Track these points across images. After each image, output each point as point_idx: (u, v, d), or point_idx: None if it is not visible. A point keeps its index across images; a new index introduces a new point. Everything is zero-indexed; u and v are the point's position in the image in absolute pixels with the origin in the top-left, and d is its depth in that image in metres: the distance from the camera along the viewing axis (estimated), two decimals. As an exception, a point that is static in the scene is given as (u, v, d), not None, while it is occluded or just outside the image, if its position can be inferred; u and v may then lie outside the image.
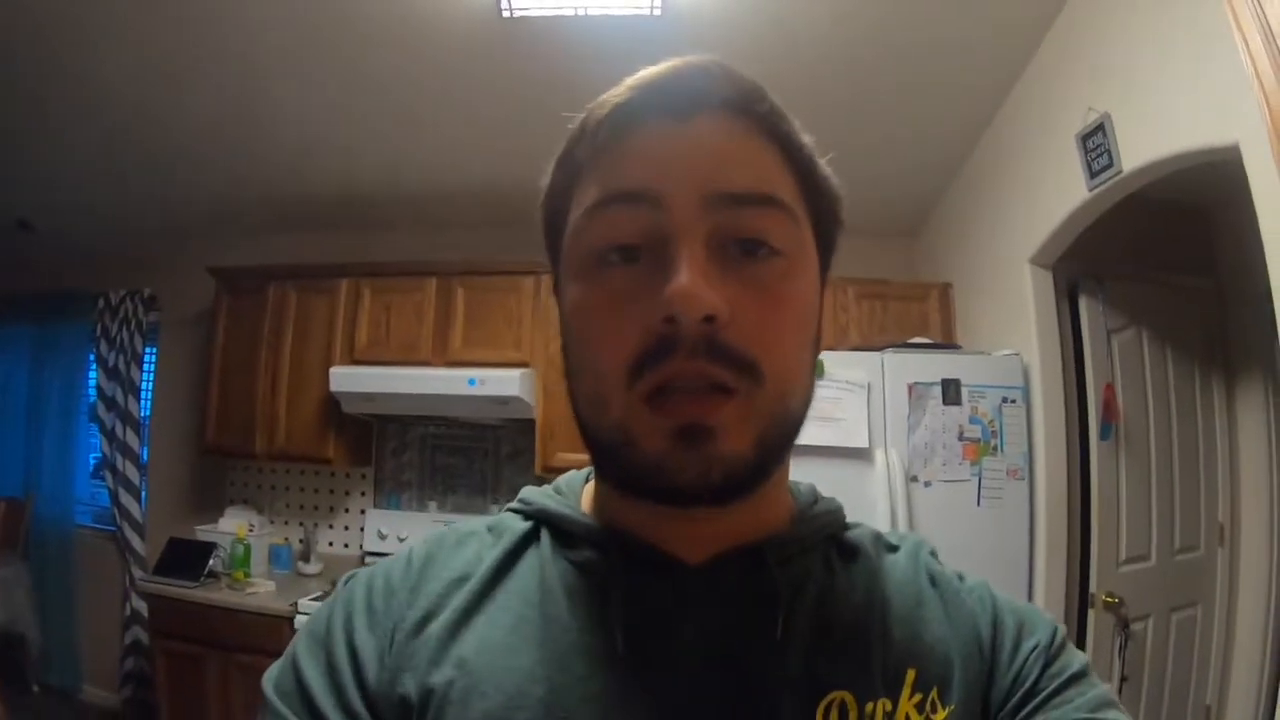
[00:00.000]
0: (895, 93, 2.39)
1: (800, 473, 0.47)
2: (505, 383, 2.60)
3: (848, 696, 0.40)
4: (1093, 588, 2.28)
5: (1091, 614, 2.27)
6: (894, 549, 0.49)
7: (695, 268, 0.37)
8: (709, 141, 0.40)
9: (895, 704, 0.40)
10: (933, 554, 0.50)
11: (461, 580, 0.44)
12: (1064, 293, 2.37)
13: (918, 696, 0.41)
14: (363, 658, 0.41)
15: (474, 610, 0.43)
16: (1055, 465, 2.25)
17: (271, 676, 0.43)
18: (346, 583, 0.46)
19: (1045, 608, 2.14)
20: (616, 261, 0.40)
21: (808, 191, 0.43)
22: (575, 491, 0.50)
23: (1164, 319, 2.53)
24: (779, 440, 0.40)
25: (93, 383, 3.54)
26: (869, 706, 0.40)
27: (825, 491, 0.51)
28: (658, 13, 2.04)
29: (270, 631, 2.53)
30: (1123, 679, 2.27)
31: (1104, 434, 2.33)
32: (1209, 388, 2.59)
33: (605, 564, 0.43)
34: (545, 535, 0.46)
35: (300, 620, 2.46)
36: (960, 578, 0.48)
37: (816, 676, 0.40)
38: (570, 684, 0.39)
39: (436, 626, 0.42)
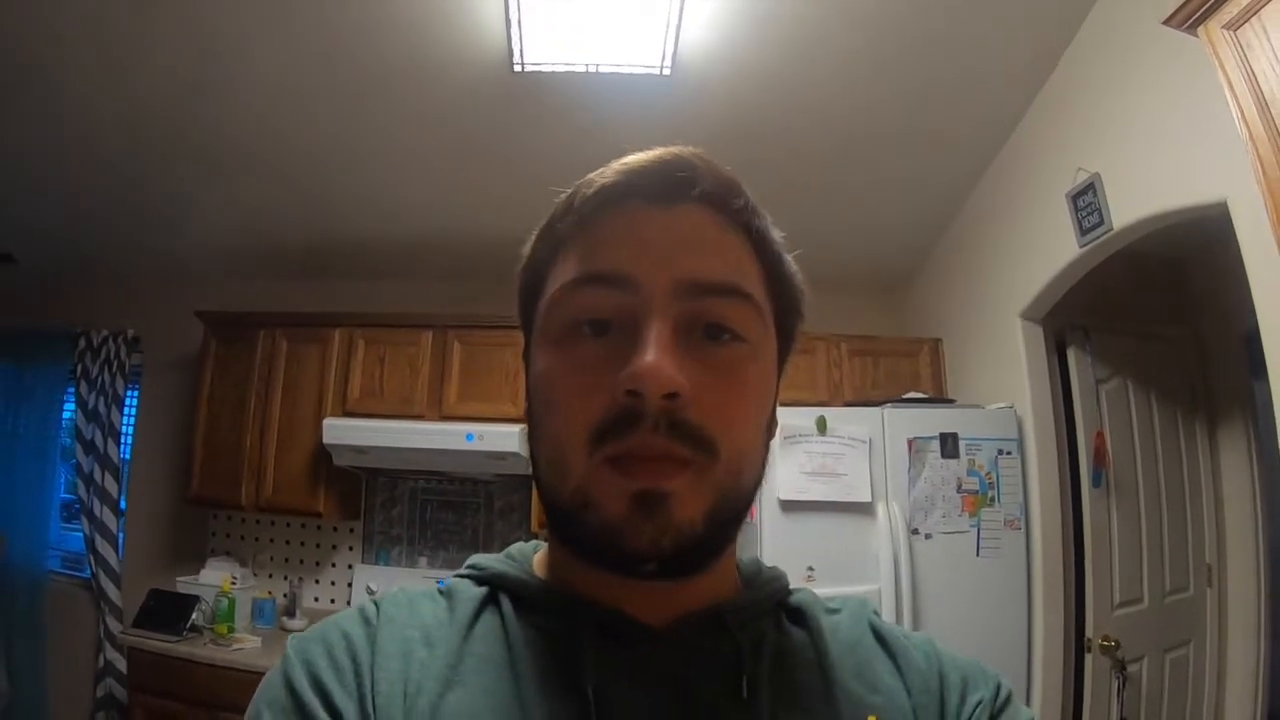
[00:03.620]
0: (889, 145, 2.44)
1: (804, 528, 0.49)
2: (504, 438, 2.57)
3: None
4: (1089, 632, 2.31)
5: (1089, 658, 2.30)
6: (835, 611, 0.50)
7: (662, 347, 0.38)
8: (685, 230, 0.42)
9: None
10: (875, 613, 0.51)
11: (426, 641, 0.43)
12: (1052, 345, 2.43)
13: None
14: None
15: (448, 673, 0.42)
16: (1050, 514, 2.29)
17: None
18: (297, 644, 0.44)
19: (1044, 655, 2.22)
20: (588, 334, 0.41)
21: (773, 285, 0.46)
22: (527, 558, 0.51)
23: (1147, 367, 2.59)
24: (729, 515, 0.41)
25: (70, 424, 3.42)
26: None
27: (827, 546, 0.52)
28: (667, 72, 2.06)
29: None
30: (1122, 720, 2.30)
31: (1095, 481, 2.38)
32: (1193, 432, 2.66)
33: (570, 627, 0.43)
34: (505, 601, 0.46)
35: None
36: (905, 635, 0.49)
37: None
38: None
39: (411, 689, 0.41)
